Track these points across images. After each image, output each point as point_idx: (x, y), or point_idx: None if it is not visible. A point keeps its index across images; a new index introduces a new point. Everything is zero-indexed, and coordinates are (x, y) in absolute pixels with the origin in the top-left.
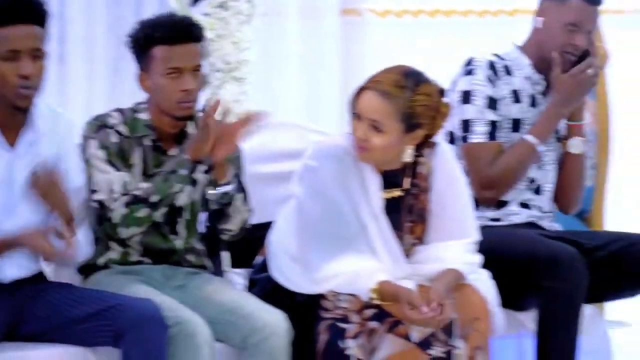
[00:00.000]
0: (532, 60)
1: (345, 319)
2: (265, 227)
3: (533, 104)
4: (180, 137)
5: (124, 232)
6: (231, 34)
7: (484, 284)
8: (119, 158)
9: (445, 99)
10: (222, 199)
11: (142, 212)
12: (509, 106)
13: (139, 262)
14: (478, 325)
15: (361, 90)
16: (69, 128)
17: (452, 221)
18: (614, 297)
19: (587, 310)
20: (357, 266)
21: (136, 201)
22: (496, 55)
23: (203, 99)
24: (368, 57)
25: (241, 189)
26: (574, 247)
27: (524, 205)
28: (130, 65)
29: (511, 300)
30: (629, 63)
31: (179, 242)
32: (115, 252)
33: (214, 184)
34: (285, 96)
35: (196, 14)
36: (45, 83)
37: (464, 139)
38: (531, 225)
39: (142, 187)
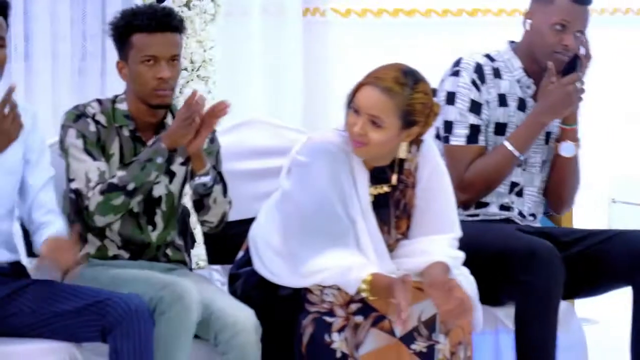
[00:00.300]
0: (524, 63)
1: (330, 313)
2: (241, 224)
3: (522, 107)
4: (159, 128)
5: (100, 220)
6: (196, 33)
7: (466, 279)
8: (97, 147)
9: (435, 99)
10: (201, 189)
11: (118, 200)
12: (494, 110)
13: (116, 257)
14: (460, 321)
15: (361, 85)
16: (34, 121)
17: (436, 216)
18: (588, 294)
19: (562, 306)
20: (346, 260)
21: (112, 189)
22: (487, 56)
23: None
24: (330, 56)
25: (220, 180)
26: (550, 242)
27: (505, 207)
28: (94, 61)
29: (488, 295)
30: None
31: (155, 234)
32: (92, 246)
33: (192, 174)
34: (249, 95)
35: None
36: (6, 72)
37: (446, 139)
38: (508, 221)
39: (118, 174)
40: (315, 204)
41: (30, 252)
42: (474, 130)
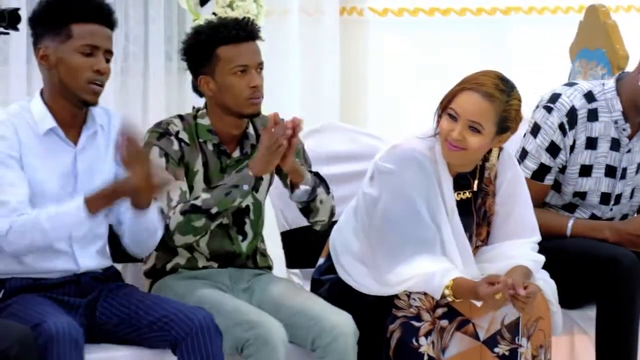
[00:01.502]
0: (624, 106)
1: (418, 317)
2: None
3: (615, 147)
4: (242, 139)
5: (179, 240)
6: None
7: (547, 283)
8: (180, 166)
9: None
10: (305, 197)
11: (200, 222)
12: (579, 153)
13: (205, 267)
14: (541, 325)
15: (459, 90)
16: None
17: (517, 222)
18: None
19: None
20: (431, 267)
21: (195, 210)
22: (588, 94)
23: None
24: (367, 55)
25: (320, 181)
26: None
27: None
28: (137, 62)
29: (565, 298)
30: None
31: (245, 244)
32: (182, 258)
33: (292, 187)
34: (286, 93)
35: (204, 14)
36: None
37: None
38: None
39: (203, 197)
40: (403, 211)
41: (116, 258)
42: (543, 169)
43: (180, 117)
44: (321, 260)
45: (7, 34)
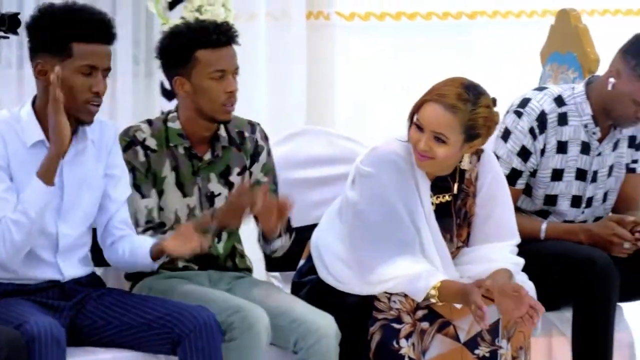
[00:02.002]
0: (594, 110)
1: (398, 320)
2: (298, 232)
3: (585, 151)
4: (213, 140)
5: None
6: None
7: (526, 285)
8: (147, 179)
9: (496, 109)
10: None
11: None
12: (550, 157)
13: (186, 268)
14: (521, 326)
15: (424, 102)
16: (115, 138)
17: (497, 224)
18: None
19: None
20: (414, 268)
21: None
22: (558, 98)
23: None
24: (334, 59)
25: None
26: None
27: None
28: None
29: (543, 300)
30: None
31: (221, 245)
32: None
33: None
34: (253, 97)
35: (173, 18)
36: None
37: None
38: None
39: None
40: (382, 214)
41: (97, 262)
42: (514, 174)
43: (149, 122)
44: (301, 262)
45: (7, 37)
